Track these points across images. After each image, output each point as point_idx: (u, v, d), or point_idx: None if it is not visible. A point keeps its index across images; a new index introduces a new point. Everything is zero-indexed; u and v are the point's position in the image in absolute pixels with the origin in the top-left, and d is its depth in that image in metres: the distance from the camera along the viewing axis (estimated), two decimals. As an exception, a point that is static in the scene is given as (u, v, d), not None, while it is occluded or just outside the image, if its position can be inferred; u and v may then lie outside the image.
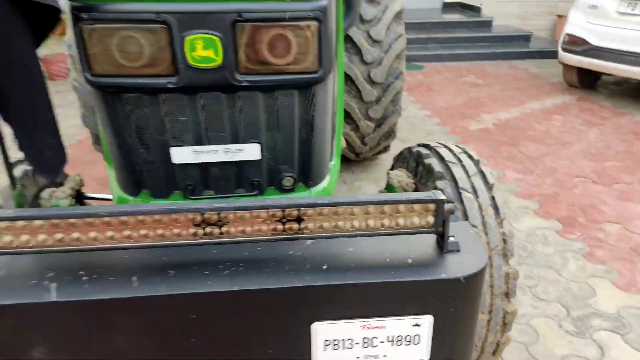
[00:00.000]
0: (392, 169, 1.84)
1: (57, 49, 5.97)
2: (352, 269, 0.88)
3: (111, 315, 0.82)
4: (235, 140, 1.14)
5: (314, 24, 1.04)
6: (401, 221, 0.89)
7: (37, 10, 1.00)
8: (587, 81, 5.36)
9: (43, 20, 1.05)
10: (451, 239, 0.92)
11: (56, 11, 1.02)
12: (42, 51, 5.45)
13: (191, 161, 1.14)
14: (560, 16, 7.33)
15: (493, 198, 1.48)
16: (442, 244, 0.92)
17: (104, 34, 1.00)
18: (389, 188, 1.73)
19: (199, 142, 1.13)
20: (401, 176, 1.70)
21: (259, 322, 0.86)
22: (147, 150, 1.16)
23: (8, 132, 1.10)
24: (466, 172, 1.51)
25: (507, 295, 1.50)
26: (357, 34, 2.85)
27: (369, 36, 2.87)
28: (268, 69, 1.06)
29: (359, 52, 2.87)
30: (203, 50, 1.01)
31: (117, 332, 0.83)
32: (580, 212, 2.99)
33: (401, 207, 0.88)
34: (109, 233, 0.82)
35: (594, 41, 4.74)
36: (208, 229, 0.84)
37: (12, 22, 0.98)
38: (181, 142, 1.13)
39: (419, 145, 1.76)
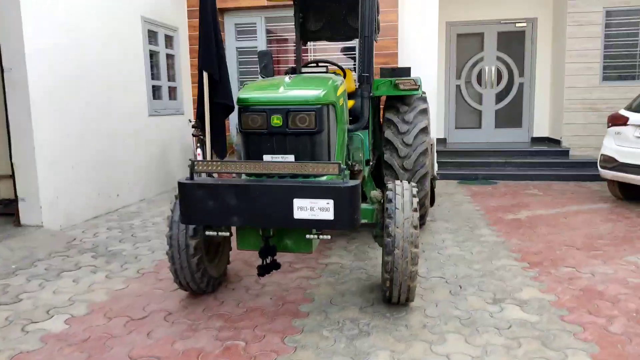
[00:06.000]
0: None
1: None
2: (312, 182, 2.71)
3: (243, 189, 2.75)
4: (285, 153, 3.06)
5: (313, 113, 2.98)
6: (332, 170, 2.72)
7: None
8: (629, 194, 6.34)
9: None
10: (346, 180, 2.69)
11: (232, 107, 3.14)
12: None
13: (270, 159, 3.09)
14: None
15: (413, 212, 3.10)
16: (341, 177, 2.70)
17: (248, 116, 3.05)
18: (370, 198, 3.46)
19: (273, 153, 3.08)
20: (376, 194, 3.43)
21: (276, 197, 2.71)
22: (256, 154, 3.12)
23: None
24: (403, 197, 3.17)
25: (413, 243, 3.06)
26: (395, 140, 4.74)
27: (403, 141, 4.73)
28: (297, 127, 3.00)
29: (396, 150, 4.72)
30: (276, 121, 3.00)
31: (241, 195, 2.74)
32: (549, 261, 4.19)
33: (331, 165, 2.72)
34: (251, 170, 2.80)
35: (620, 159, 5.93)
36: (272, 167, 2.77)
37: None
38: (266, 153, 3.08)
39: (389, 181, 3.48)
